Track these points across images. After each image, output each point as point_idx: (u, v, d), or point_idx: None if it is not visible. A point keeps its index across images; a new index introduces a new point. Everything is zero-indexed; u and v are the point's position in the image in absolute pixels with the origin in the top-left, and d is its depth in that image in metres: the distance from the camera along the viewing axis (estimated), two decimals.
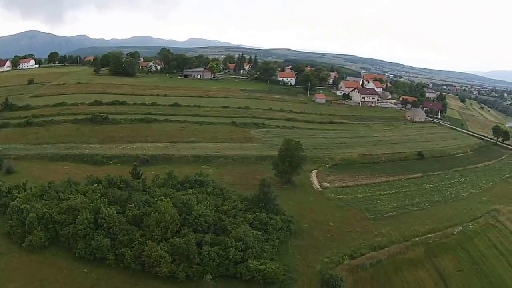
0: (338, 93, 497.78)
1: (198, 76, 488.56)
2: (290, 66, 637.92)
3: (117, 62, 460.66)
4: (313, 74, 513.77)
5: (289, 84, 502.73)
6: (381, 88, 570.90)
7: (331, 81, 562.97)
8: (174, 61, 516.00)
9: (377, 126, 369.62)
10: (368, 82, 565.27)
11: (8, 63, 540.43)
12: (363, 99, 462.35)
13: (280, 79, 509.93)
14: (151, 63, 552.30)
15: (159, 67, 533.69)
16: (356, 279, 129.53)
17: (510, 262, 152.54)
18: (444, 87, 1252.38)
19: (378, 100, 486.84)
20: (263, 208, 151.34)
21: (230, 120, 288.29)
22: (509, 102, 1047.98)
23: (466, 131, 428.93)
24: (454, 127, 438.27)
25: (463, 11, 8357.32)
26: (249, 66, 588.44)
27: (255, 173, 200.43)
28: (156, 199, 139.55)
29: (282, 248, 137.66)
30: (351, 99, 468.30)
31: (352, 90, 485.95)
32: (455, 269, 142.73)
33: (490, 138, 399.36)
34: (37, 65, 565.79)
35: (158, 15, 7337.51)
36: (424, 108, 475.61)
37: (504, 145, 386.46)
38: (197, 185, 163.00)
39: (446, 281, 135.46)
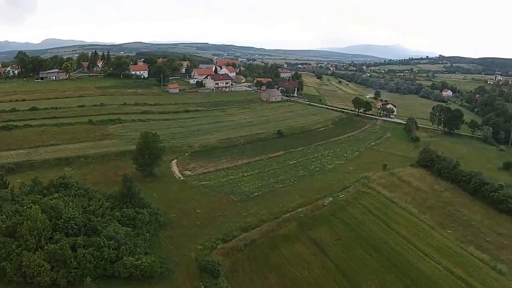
0: (191, 81, 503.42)
1: (54, 77, 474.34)
2: (142, 59, 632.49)
3: None
4: (166, 65, 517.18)
5: (142, 77, 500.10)
6: (235, 73, 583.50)
7: (183, 71, 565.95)
8: (30, 64, 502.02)
9: (233, 110, 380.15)
10: (221, 68, 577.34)
11: None
12: (216, 85, 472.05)
13: (133, 73, 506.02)
14: (8, 68, 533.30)
15: (16, 72, 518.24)
16: (234, 261, 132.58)
17: (389, 224, 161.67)
18: (300, 66, 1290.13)
19: (232, 84, 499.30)
20: (129, 203, 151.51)
21: (87, 118, 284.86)
22: (369, 75, 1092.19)
23: (325, 106, 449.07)
24: (312, 103, 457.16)
25: None
26: (102, 62, 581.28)
27: (117, 170, 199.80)
28: (25, 207, 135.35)
29: (153, 241, 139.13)
30: (205, 86, 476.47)
31: (205, 77, 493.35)
32: (333, 239, 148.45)
33: (351, 110, 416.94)
34: None
35: (13, 19, 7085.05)
36: (280, 88, 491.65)
37: (366, 115, 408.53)
38: (62, 188, 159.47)
39: (325, 251, 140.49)
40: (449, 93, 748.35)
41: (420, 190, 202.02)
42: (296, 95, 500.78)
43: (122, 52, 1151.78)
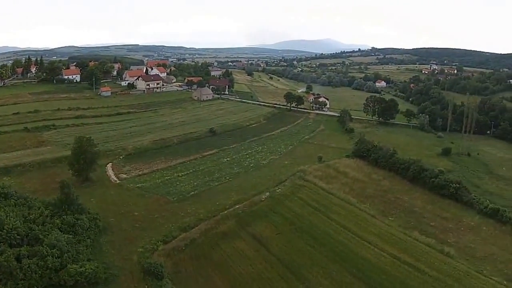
0: (123, 83, 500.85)
1: None
2: (74, 63, 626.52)
3: None
4: (97, 68, 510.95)
5: (75, 81, 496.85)
6: (165, 73, 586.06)
7: (115, 73, 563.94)
8: None
9: (165, 111, 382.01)
10: (152, 69, 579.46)
11: None
12: (148, 86, 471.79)
13: (66, 77, 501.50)
14: None
15: None
16: (176, 262, 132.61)
17: (329, 215, 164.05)
18: (230, 63, 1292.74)
19: (163, 85, 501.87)
20: (68, 210, 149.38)
21: (22, 126, 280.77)
22: (300, 69, 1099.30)
23: (257, 102, 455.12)
24: (243, 100, 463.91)
25: None
26: (36, 68, 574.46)
27: (54, 176, 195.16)
28: None
29: (95, 246, 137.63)
30: (136, 88, 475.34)
31: (136, 79, 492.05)
32: (273, 233, 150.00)
33: (284, 105, 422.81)
34: None
35: None
36: (211, 86, 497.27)
37: (299, 109, 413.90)
38: (2, 198, 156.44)
39: (266, 246, 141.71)
40: (383, 84, 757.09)
41: (358, 180, 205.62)
42: (227, 92, 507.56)
43: (55, 57, 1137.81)
